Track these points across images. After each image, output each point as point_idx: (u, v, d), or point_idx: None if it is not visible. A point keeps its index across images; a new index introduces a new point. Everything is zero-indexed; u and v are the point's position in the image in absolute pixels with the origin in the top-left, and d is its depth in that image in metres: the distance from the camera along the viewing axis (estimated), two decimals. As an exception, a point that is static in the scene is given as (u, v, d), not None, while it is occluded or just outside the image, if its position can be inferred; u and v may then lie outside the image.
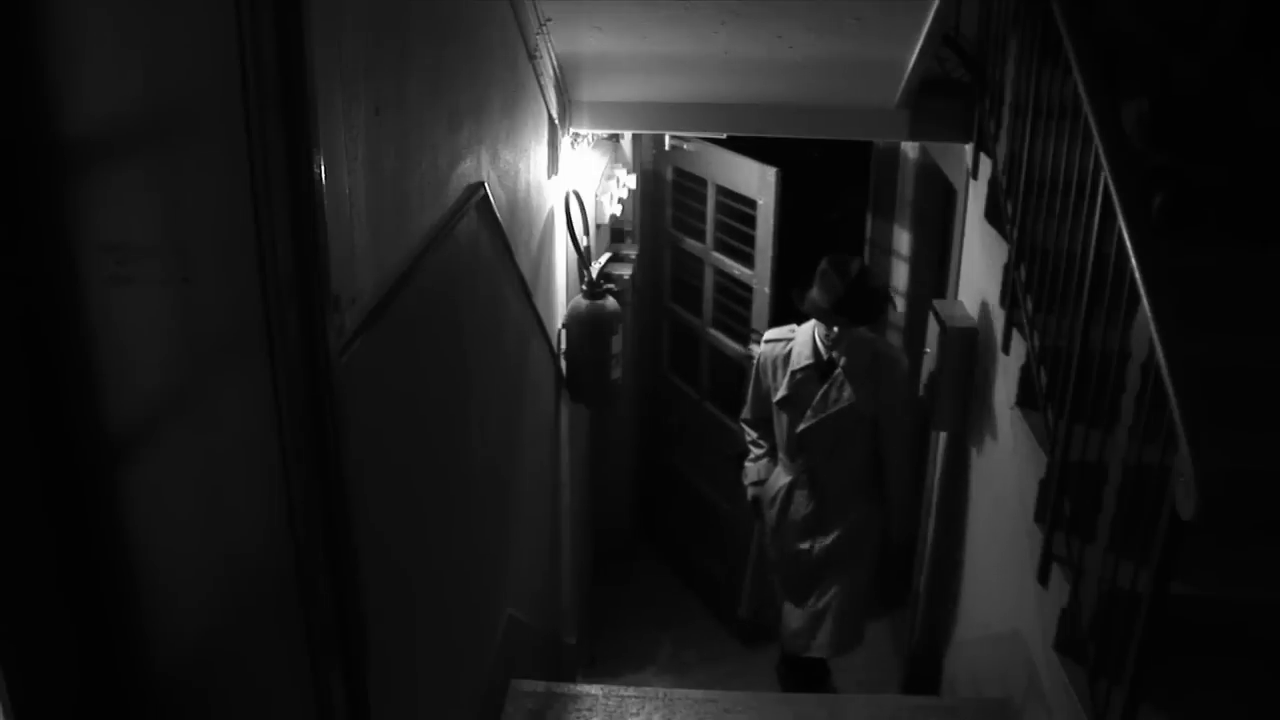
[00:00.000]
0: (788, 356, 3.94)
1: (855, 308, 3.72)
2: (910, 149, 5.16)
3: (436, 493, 2.45)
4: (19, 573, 1.15)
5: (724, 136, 4.66)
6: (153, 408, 1.21)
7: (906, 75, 3.53)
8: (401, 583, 2.12)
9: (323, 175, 1.26)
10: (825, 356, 3.86)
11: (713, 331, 5.21)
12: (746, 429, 4.24)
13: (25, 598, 1.16)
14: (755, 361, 4.10)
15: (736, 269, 4.89)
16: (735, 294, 4.98)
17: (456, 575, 2.69)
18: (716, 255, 5.07)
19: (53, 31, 1.07)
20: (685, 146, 5.11)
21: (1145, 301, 1.97)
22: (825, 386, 3.86)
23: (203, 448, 1.24)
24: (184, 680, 1.30)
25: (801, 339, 3.93)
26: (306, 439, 1.27)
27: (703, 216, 5.12)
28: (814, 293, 3.76)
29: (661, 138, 5.39)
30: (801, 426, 3.92)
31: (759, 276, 4.72)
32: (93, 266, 1.13)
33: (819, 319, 3.80)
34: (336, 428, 1.33)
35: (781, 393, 3.94)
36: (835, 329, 3.78)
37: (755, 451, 4.21)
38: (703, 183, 5.05)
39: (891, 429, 3.94)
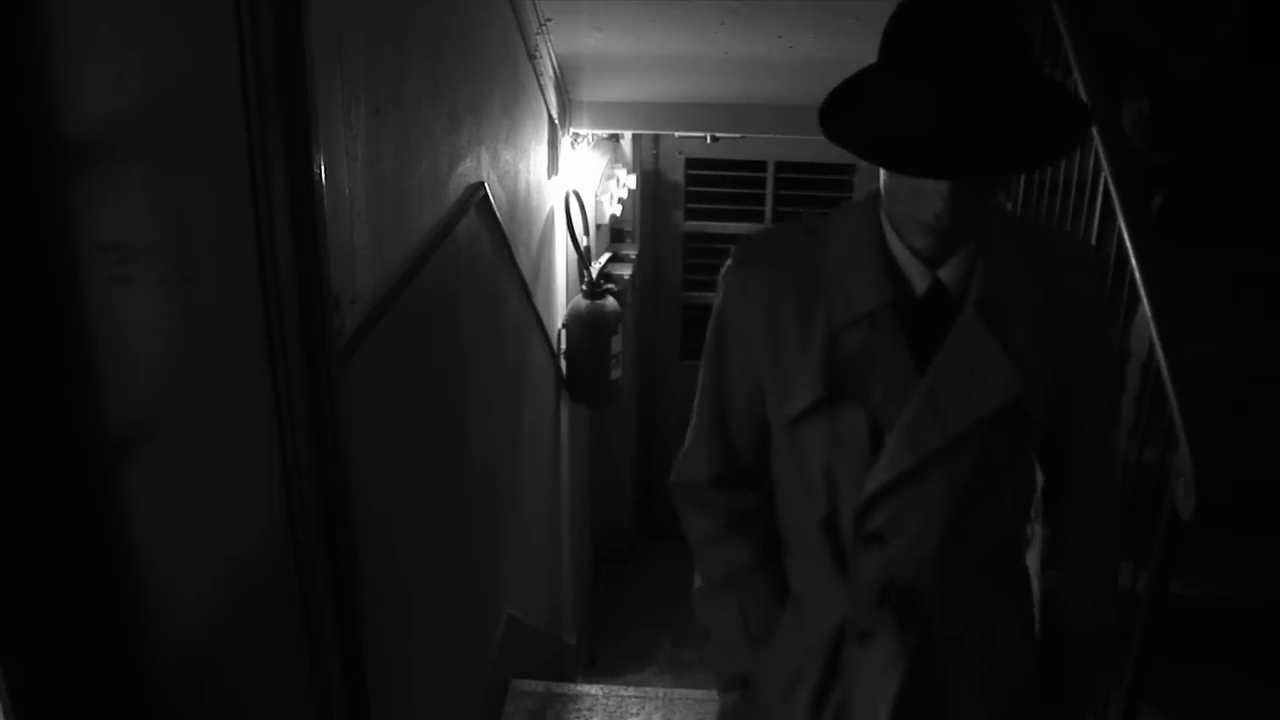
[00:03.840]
0: (812, 292, 1.40)
1: (1003, 133, 1.18)
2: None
3: (436, 492, 2.45)
4: (19, 571, 1.15)
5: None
6: (153, 407, 1.21)
7: (906, 75, 3.52)
8: (401, 582, 2.12)
9: (323, 175, 1.26)
10: (925, 282, 1.35)
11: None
12: (692, 509, 1.60)
13: (26, 596, 1.16)
14: (714, 323, 1.51)
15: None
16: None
17: (456, 575, 2.69)
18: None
19: (53, 31, 1.07)
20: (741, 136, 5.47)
21: (1145, 301, 1.97)
22: (937, 358, 1.37)
23: (203, 447, 1.24)
24: (184, 678, 1.30)
25: (844, 248, 1.40)
26: (306, 439, 1.27)
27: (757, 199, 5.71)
28: (883, 107, 1.24)
29: (659, 138, 5.43)
30: (884, 475, 1.38)
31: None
32: (93, 266, 1.13)
33: (904, 170, 1.24)
34: (336, 428, 1.33)
35: (809, 390, 1.39)
36: (942, 200, 1.22)
37: (717, 570, 1.59)
38: (761, 165, 5.58)
39: (1083, 440, 1.51)
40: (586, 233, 4.22)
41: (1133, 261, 2.02)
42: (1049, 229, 1.64)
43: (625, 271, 4.98)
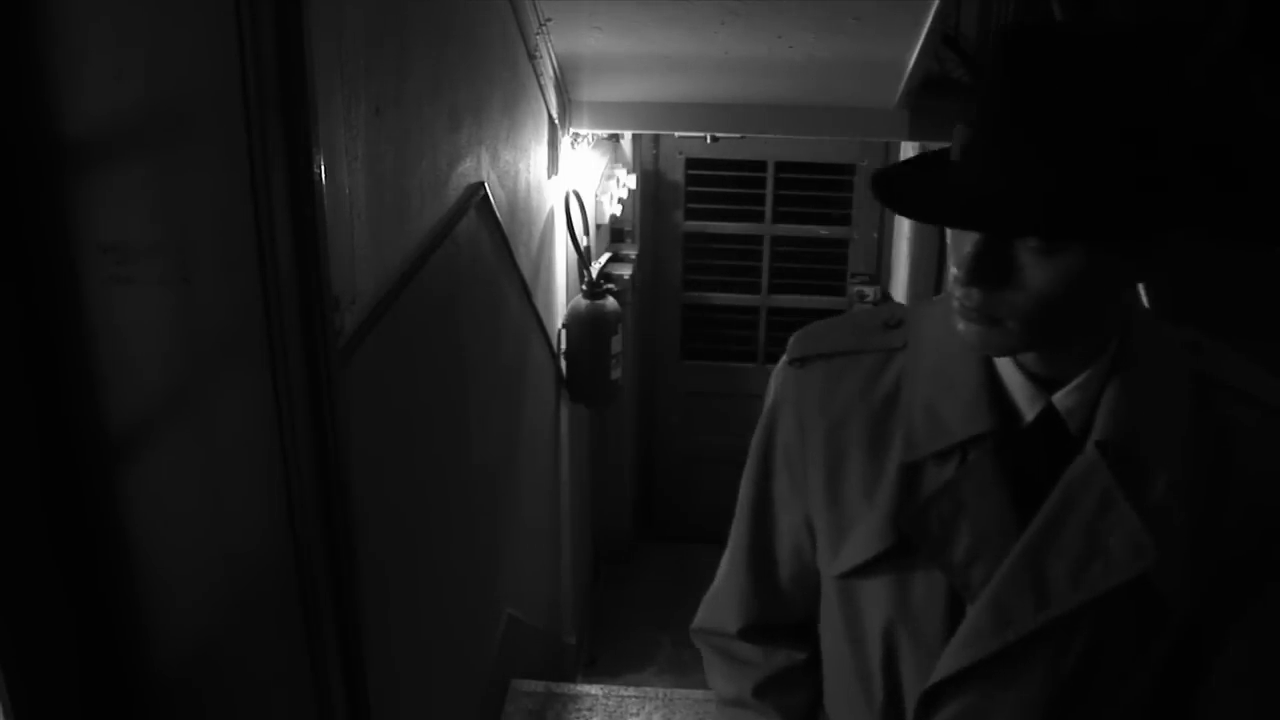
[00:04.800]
0: (888, 410, 1.06)
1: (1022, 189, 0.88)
2: (910, 149, 5.17)
3: (436, 492, 2.45)
4: (19, 572, 1.15)
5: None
6: (153, 408, 1.21)
7: (906, 75, 3.52)
8: (401, 582, 2.12)
9: (323, 175, 1.26)
10: (1035, 408, 1.01)
11: (777, 296, 5.82)
12: (718, 664, 1.27)
13: (25, 597, 1.16)
14: (760, 433, 1.17)
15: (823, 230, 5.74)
16: (818, 255, 5.78)
17: (456, 575, 2.69)
18: (782, 226, 5.71)
19: (53, 31, 1.07)
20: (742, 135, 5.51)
21: (1145, 302, 1.97)
22: (1043, 511, 1.01)
23: (203, 447, 1.24)
24: (184, 679, 1.30)
25: (934, 355, 1.05)
26: (306, 439, 1.27)
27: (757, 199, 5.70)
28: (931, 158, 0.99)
29: (659, 138, 5.44)
30: (959, 659, 1.03)
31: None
32: (93, 266, 1.13)
33: (891, 206, 0.99)
34: (336, 428, 1.33)
35: (872, 540, 1.05)
36: (968, 252, 0.91)
37: None
38: (761, 165, 5.58)
39: (1228, 652, 1.06)
40: (586, 233, 4.22)
41: (1133, 261, 2.02)
42: (1223, 348, 1.14)
43: (625, 271, 4.98)
